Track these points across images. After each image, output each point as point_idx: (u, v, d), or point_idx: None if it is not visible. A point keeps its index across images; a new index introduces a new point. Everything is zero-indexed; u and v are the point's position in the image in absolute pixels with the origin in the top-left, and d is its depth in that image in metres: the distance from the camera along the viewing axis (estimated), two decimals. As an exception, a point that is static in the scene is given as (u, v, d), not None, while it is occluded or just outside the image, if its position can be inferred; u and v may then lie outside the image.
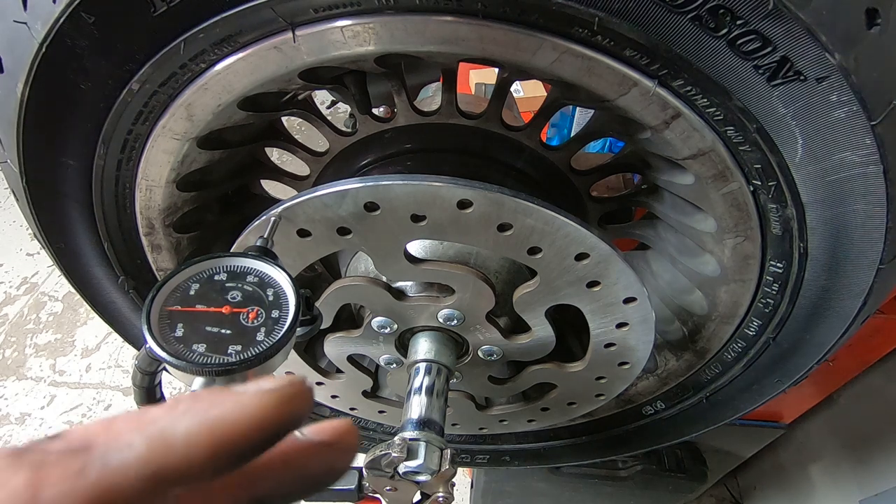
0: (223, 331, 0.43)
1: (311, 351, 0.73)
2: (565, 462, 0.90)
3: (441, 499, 0.55)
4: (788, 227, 0.50)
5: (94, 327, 2.49)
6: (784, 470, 1.60)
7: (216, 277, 0.46)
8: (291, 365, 0.72)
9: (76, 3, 0.41)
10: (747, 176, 0.48)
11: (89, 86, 0.48)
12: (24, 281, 2.70)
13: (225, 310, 0.44)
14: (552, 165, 0.67)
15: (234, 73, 0.48)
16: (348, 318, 0.71)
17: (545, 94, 1.34)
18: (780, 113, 0.43)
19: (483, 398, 0.75)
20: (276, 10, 0.43)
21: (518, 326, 0.61)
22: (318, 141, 0.68)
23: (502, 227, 0.49)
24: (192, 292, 0.45)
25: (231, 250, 0.54)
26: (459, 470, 1.03)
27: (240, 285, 0.45)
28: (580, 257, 0.50)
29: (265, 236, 0.49)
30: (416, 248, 0.63)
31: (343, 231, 0.52)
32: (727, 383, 0.68)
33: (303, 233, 0.52)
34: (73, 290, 0.67)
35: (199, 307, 0.44)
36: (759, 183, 0.48)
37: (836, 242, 0.49)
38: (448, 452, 0.54)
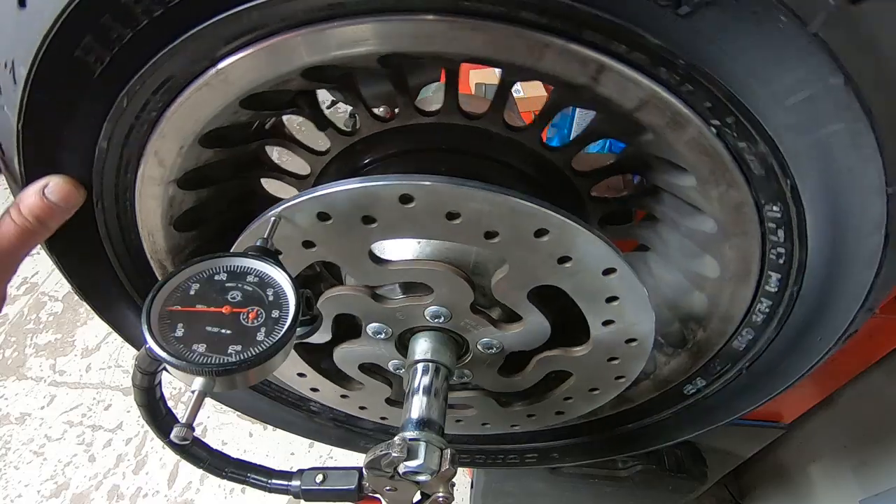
0: (223, 331, 0.43)
1: (328, 365, 0.73)
2: (616, 454, 0.86)
3: (441, 499, 0.55)
4: (767, 164, 0.46)
5: (94, 327, 2.49)
6: (784, 470, 1.60)
7: (216, 277, 0.46)
8: (314, 383, 0.74)
9: (31, 84, 0.46)
10: (703, 116, 0.45)
11: (68, 153, 0.52)
12: (24, 281, 2.71)
13: (225, 310, 0.44)
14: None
15: (181, 116, 0.50)
16: (353, 327, 0.71)
17: (546, 94, 1.34)
18: (701, 42, 0.40)
19: (505, 395, 0.73)
20: (186, 51, 0.45)
21: (514, 316, 0.60)
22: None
23: (451, 216, 0.49)
24: (192, 292, 0.45)
25: (231, 250, 0.54)
26: (459, 470, 1.03)
27: (240, 285, 0.45)
28: (539, 234, 0.49)
29: (265, 236, 0.49)
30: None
31: (308, 244, 0.53)
32: (765, 348, 0.62)
33: (277, 251, 0.53)
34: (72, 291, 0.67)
35: (199, 307, 0.44)
36: (719, 122, 0.45)
37: (826, 169, 0.45)
38: (448, 452, 0.54)
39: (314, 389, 0.75)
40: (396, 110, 0.63)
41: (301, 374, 0.74)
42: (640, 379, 0.71)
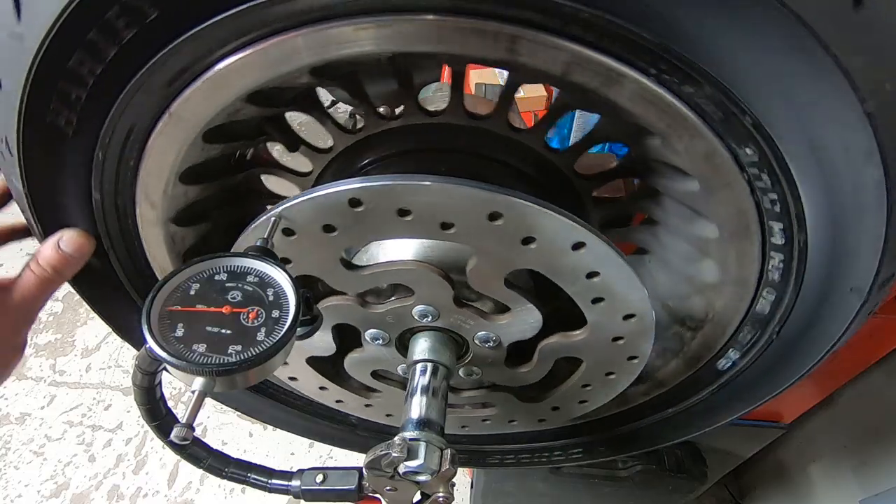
0: (223, 331, 0.43)
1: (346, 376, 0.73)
2: (661, 444, 0.82)
3: (441, 499, 0.55)
4: (723, 106, 0.42)
5: (94, 327, 2.49)
6: (784, 470, 1.60)
7: (216, 277, 0.46)
8: (337, 394, 0.75)
9: (22, 154, 0.50)
10: (636, 67, 0.42)
11: (72, 207, 0.56)
12: (24, 281, 2.70)
13: (225, 310, 0.44)
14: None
15: (154, 159, 0.52)
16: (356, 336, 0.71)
17: (546, 94, 1.34)
18: None
19: (523, 389, 0.72)
20: (136, 100, 0.47)
21: (504, 308, 0.60)
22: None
23: (402, 213, 0.49)
24: (192, 292, 0.45)
25: (231, 250, 0.55)
26: (459, 470, 1.03)
27: (240, 285, 0.45)
28: (493, 217, 0.48)
29: (265, 236, 0.49)
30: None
31: (285, 261, 0.53)
32: (791, 308, 0.57)
33: None
34: (73, 290, 0.67)
35: (200, 307, 0.44)
36: (655, 70, 0.42)
37: (788, 99, 0.40)
38: (448, 452, 0.54)
39: (339, 401, 0.76)
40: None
41: (323, 388, 0.74)
42: (668, 359, 0.69)
